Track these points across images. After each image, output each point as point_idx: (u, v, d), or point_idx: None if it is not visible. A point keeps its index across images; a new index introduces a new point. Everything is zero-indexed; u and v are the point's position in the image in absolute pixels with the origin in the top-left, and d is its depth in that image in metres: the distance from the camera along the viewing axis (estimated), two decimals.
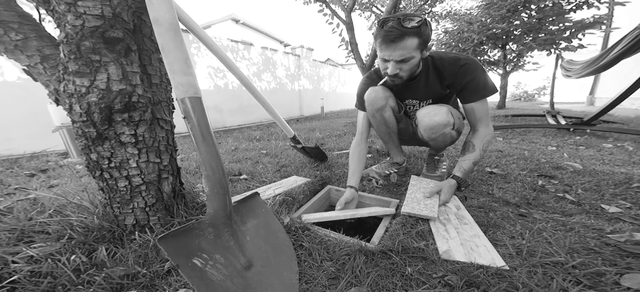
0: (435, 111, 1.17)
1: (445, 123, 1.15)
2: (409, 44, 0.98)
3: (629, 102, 5.54)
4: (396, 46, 0.99)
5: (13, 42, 0.71)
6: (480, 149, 1.12)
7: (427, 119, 1.18)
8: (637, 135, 2.40)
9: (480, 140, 1.14)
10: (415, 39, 0.98)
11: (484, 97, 1.12)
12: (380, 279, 0.66)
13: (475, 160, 1.12)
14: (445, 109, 1.17)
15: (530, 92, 13.91)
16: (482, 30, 5.50)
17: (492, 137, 1.17)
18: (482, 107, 1.14)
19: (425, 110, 1.20)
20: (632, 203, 1.03)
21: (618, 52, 2.52)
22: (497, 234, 0.84)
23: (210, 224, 0.67)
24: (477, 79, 1.09)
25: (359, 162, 1.27)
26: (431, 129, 1.17)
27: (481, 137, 1.14)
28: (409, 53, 1.00)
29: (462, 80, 1.11)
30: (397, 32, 0.96)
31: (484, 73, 1.10)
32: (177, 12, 0.67)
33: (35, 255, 0.69)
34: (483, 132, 1.14)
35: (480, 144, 1.13)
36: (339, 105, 9.74)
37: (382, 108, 1.27)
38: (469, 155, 1.13)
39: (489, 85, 1.11)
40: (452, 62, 1.12)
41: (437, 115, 1.16)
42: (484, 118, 1.15)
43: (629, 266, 0.67)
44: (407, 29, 0.95)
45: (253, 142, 2.82)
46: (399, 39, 0.97)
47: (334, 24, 3.88)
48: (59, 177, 1.64)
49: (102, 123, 0.72)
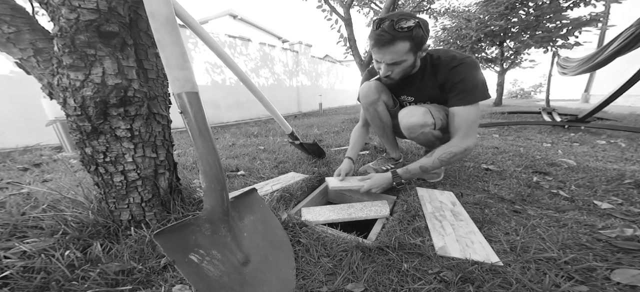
0: (412, 112, 1.17)
1: (422, 124, 1.14)
2: (400, 48, 0.97)
3: (623, 100, 5.61)
4: (387, 50, 0.98)
5: (5, 35, 0.70)
6: (437, 159, 1.08)
7: (405, 119, 1.19)
8: (630, 132, 2.43)
9: (443, 150, 1.08)
10: (407, 43, 0.96)
11: (469, 103, 1.04)
12: (376, 275, 0.66)
13: (424, 166, 1.11)
14: (422, 109, 1.15)
15: (526, 89, 14.02)
16: (480, 28, 5.51)
17: (460, 152, 1.06)
18: (465, 114, 1.05)
19: (404, 111, 1.21)
20: (624, 199, 1.04)
21: (613, 49, 2.55)
22: (492, 230, 0.85)
23: (207, 219, 0.67)
24: (466, 81, 1.03)
25: (358, 140, 1.44)
26: (409, 129, 1.19)
27: (447, 147, 1.08)
28: (399, 57, 0.99)
29: (452, 80, 1.06)
30: (388, 36, 0.94)
31: (477, 77, 1.04)
32: (173, 7, 0.66)
33: (29, 250, 0.69)
34: (452, 143, 1.08)
35: (440, 154, 1.08)
36: (337, 102, 9.72)
37: (374, 102, 1.29)
38: (423, 159, 1.13)
39: (477, 91, 1.03)
40: (448, 62, 1.07)
41: (414, 116, 1.16)
42: (462, 128, 1.06)
43: (619, 261, 0.68)
44: (398, 33, 0.93)
45: (250, 138, 2.81)
46: (390, 43, 0.96)
47: (333, 20, 3.86)
48: (52, 172, 1.63)
49: (97, 117, 0.71)
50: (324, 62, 8.66)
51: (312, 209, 1.06)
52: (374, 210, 1.02)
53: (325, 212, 1.03)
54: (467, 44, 6.03)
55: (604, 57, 2.77)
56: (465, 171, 1.44)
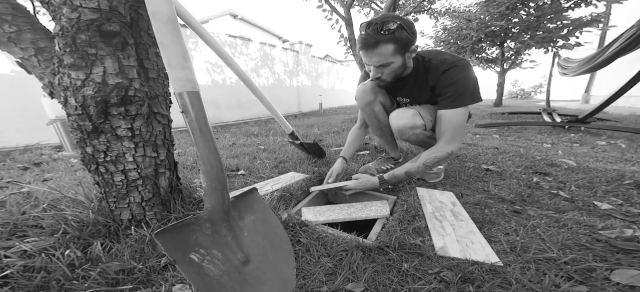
0: (401, 114, 1.19)
1: (411, 126, 1.16)
2: (384, 51, 0.98)
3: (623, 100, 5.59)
4: (372, 53, 1.00)
5: (6, 34, 0.70)
6: (422, 164, 1.10)
7: (394, 122, 1.22)
8: (630, 133, 2.43)
9: (427, 155, 1.09)
10: (391, 45, 0.97)
11: (457, 106, 1.05)
12: (377, 275, 0.66)
13: (409, 171, 1.13)
14: (411, 111, 1.17)
15: (526, 89, 14.01)
16: (480, 28, 5.51)
17: (444, 157, 1.08)
18: (452, 117, 1.06)
19: (394, 114, 1.24)
20: (624, 200, 1.04)
21: (614, 50, 2.54)
22: (492, 230, 0.85)
23: (208, 219, 0.67)
24: (456, 84, 1.04)
25: (355, 141, 1.45)
26: (399, 131, 1.22)
27: (431, 153, 1.09)
28: (385, 59, 1.00)
29: (442, 84, 1.07)
30: (372, 40, 0.96)
31: (467, 81, 1.04)
32: (175, 6, 0.66)
33: (29, 249, 0.69)
34: (437, 148, 1.09)
35: (425, 159, 1.09)
36: (337, 102, 9.72)
37: (371, 103, 1.30)
38: (408, 163, 1.14)
39: (466, 95, 1.04)
40: (438, 65, 1.07)
41: (403, 118, 1.18)
42: (448, 132, 1.07)
43: (618, 261, 0.68)
44: (381, 36, 0.95)
45: (251, 138, 2.81)
46: (374, 46, 0.97)
47: (333, 20, 3.85)
48: (53, 171, 1.63)
49: (98, 116, 0.71)
50: (324, 62, 8.66)
51: (312, 208, 1.06)
52: (374, 210, 1.02)
53: (326, 212, 1.04)
54: (468, 44, 6.03)
55: (604, 58, 2.76)
56: (466, 171, 1.44)
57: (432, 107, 1.21)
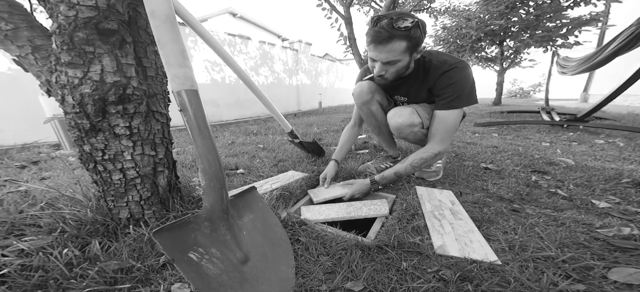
0: (399, 113, 1.19)
1: (409, 124, 1.16)
2: (397, 47, 0.96)
3: (622, 99, 5.62)
4: (383, 48, 0.97)
5: (3, 32, 0.69)
6: (409, 165, 1.13)
7: (392, 120, 1.22)
8: (628, 132, 2.44)
9: (415, 157, 1.12)
10: (404, 42, 0.95)
11: (453, 108, 1.06)
12: (376, 273, 0.67)
13: (398, 172, 1.16)
14: (409, 110, 1.18)
15: (525, 88, 14.04)
16: (480, 27, 5.50)
17: (431, 157, 1.11)
18: (446, 119, 1.08)
19: (392, 112, 1.24)
20: (622, 198, 1.05)
21: (613, 49, 2.54)
22: (490, 229, 0.86)
23: (207, 218, 0.66)
24: (454, 86, 1.05)
25: (347, 141, 1.47)
26: (397, 130, 1.22)
27: (418, 154, 1.12)
28: (395, 56, 0.99)
29: (440, 85, 1.08)
30: (386, 34, 0.94)
31: (465, 83, 1.05)
32: (173, 5, 0.65)
33: (26, 248, 0.69)
34: (425, 149, 1.12)
35: (412, 160, 1.13)
36: (336, 101, 9.71)
37: (368, 102, 1.29)
38: (398, 165, 1.18)
39: (462, 98, 1.05)
40: (438, 66, 1.07)
41: (401, 117, 1.18)
42: (438, 133, 1.09)
43: (616, 260, 0.68)
44: (396, 31, 0.93)
45: (250, 137, 2.81)
46: (387, 41, 0.95)
47: (333, 19, 3.84)
48: (51, 169, 1.62)
49: (96, 115, 0.70)
50: (323, 60, 8.64)
51: (312, 207, 1.06)
52: (373, 209, 1.02)
53: (325, 210, 1.03)
54: (467, 43, 6.02)
55: (603, 57, 2.77)
56: (465, 169, 1.45)
57: (429, 106, 1.22)
